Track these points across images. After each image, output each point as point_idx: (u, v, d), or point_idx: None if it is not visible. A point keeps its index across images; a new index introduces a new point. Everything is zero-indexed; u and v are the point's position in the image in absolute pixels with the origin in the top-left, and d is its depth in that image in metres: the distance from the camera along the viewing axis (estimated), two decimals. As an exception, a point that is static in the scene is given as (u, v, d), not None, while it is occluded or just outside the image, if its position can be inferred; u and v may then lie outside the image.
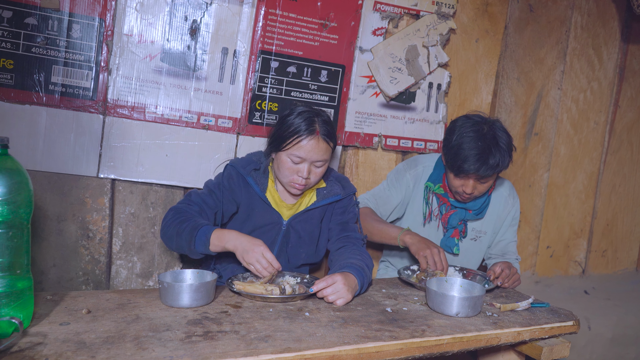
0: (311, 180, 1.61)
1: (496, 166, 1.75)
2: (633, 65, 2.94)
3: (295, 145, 1.56)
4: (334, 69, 2.10)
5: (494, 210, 2.02)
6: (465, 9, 2.32)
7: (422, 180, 2.02)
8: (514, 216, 2.06)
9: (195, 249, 1.48)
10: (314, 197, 1.73)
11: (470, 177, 1.80)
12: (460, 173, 1.79)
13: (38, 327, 1.12)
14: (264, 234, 1.68)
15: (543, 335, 1.42)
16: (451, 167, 1.82)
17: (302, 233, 1.71)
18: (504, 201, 2.03)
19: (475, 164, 1.73)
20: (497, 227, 2.05)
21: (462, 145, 1.76)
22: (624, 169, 3.04)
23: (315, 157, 1.58)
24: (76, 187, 1.81)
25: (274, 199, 1.70)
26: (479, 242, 2.04)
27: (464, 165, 1.75)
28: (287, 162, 1.59)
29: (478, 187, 1.83)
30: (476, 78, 2.42)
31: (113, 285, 1.91)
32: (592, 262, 3.05)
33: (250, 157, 1.71)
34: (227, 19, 1.91)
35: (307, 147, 1.56)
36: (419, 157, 2.11)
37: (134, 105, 1.83)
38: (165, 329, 1.16)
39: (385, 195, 2.04)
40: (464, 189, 1.83)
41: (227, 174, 1.67)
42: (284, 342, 1.13)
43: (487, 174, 1.76)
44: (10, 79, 1.68)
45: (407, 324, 1.31)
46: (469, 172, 1.76)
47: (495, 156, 1.74)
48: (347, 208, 1.76)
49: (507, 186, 2.07)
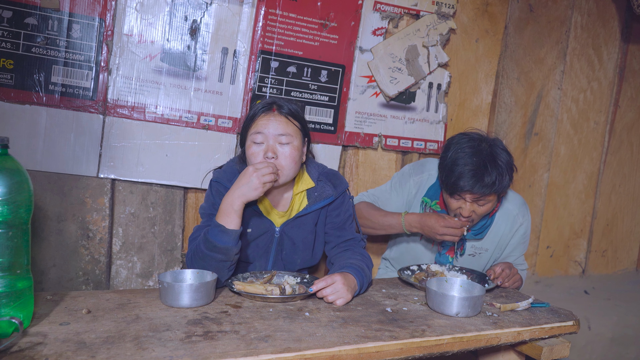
0: (282, 163, 1.50)
1: (492, 184, 1.63)
2: (633, 65, 2.94)
3: (252, 125, 1.53)
4: (334, 69, 2.10)
5: (497, 229, 1.88)
6: (465, 9, 2.32)
7: (424, 189, 1.92)
8: (524, 234, 1.91)
9: (221, 245, 1.40)
10: (305, 200, 1.65)
11: (466, 198, 1.69)
12: (455, 192, 1.69)
13: (38, 327, 1.12)
14: (259, 243, 1.63)
15: (543, 335, 1.42)
16: (445, 185, 1.72)
17: (296, 240, 1.65)
18: (512, 220, 1.88)
19: (469, 181, 1.63)
20: (501, 244, 1.91)
21: (457, 162, 1.67)
22: (624, 169, 3.04)
23: (274, 130, 1.49)
24: (76, 187, 1.81)
25: (264, 206, 1.62)
26: (478, 257, 1.93)
27: (458, 182, 1.65)
28: (251, 147, 1.52)
29: (476, 209, 1.71)
30: (476, 78, 2.42)
31: (113, 285, 1.91)
32: (592, 262, 3.05)
33: (232, 167, 1.61)
34: (227, 19, 1.91)
35: (262, 121, 1.51)
36: (427, 162, 1.99)
37: (134, 105, 1.83)
38: (165, 329, 1.16)
39: (385, 197, 1.99)
40: (461, 212, 1.71)
41: (215, 192, 1.58)
42: (284, 342, 1.13)
43: (482, 193, 1.65)
44: (10, 79, 1.68)
45: (407, 324, 1.31)
46: (463, 189, 1.65)
47: (492, 174, 1.62)
48: (342, 207, 1.68)
49: (516, 203, 1.90)
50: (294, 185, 1.65)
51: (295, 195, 1.65)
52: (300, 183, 1.65)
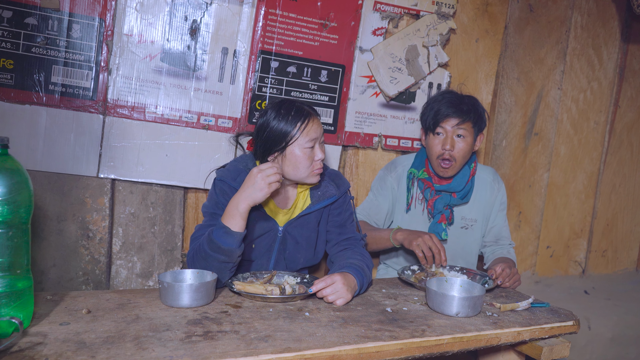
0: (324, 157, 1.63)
1: (469, 111, 1.89)
2: (633, 65, 2.94)
3: (305, 130, 1.54)
4: (334, 69, 2.10)
5: (479, 195, 2.05)
6: (465, 9, 2.32)
7: (404, 178, 2.06)
8: (502, 201, 2.09)
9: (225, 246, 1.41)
10: (308, 199, 1.68)
11: (447, 126, 1.90)
12: (437, 122, 1.90)
13: (38, 327, 1.12)
14: (261, 242, 1.64)
15: (543, 335, 1.42)
16: (429, 123, 1.94)
17: (299, 239, 1.67)
18: (489, 186, 2.07)
19: (449, 108, 1.89)
20: (486, 213, 2.07)
21: (436, 98, 1.96)
22: (624, 169, 3.04)
23: (321, 132, 1.60)
24: (76, 187, 1.81)
25: (267, 206, 1.64)
26: (471, 230, 2.05)
27: (440, 110, 1.89)
28: (302, 153, 1.55)
29: (457, 144, 1.90)
30: (476, 78, 2.42)
31: (113, 285, 1.91)
32: (592, 262, 3.05)
33: (237, 166, 1.61)
34: (227, 19, 1.91)
35: (314, 126, 1.56)
36: (396, 159, 2.14)
37: (134, 105, 1.83)
38: (165, 329, 1.16)
39: (374, 205, 2.05)
40: (444, 146, 1.90)
41: (219, 190, 1.58)
42: (284, 342, 1.13)
43: (462, 118, 1.88)
44: (10, 79, 1.68)
45: (407, 324, 1.31)
46: (444, 115, 1.89)
47: (468, 103, 1.90)
48: (343, 206, 1.72)
49: (489, 171, 2.11)
50: (298, 184, 1.68)
51: (299, 194, 1.68)
52: None
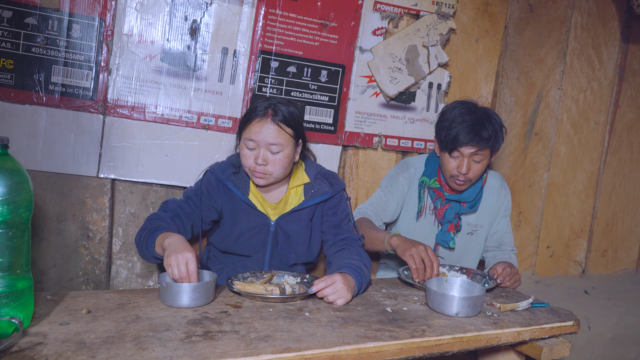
0: (270, 169, 1.55)
1: (489, 138, 1.80)
2: (633, 65, 2.94)
3: (247, 129, 1.56)
4: (334, 69, 2.10)
5: (487, 202, 2.04)
6: (465, 9, 2.32)
7: (415, 181, 2.03)
8: (507, 207, 2.09)
9: (148, 251, 1.48)
10: (302, 196, 1.70)
11: (464, 152, 1.82)
12: (455, 147, 1.82)
13: (38, 327, 1.12)
14: (253, 236, 1.66)
15: (543, 335, 1.42)
16: (446, 144, 1.84)
17: (291, 234, 1.68)
18: (497, 193, 2.06)
19: (468, 134, 1.79)
20: (492, 219, 2.07)
21: (455, 119, 1.83)
22: (624, 169, 3.04)
23: (265, 139, 1.53)
24: (76, 187, 1.81)
25: (258, 200, 1.67)
26: (476, 235, 2.06)
27: (458, 136, 1.79)
28: (243, 149, 1.58)
29: (473, 167, 1.84)
30: (476, 78, 2.42)
31: (113, 285, 1.91)
32: (592, 262, 3.05)
33: (230, 161, 1.68)
34: (227, 19, 1.91)
35: (256, 127, 1.54)
36: (408, 159, 2.11)
37: (134, 105, 1.83)
38: (165, 329, 1.16)
39: (382, 201, 2.04)
40: (459, 169, 1.84)
41: (205, 181, 1.65)
42: (284, 342, 1.13)
43: (480, 145, 1.80)
44: (10, 79, 1.68)
45: (407, 324, 1.31)
46: (462, 142, 1.79)
47: (489, 129, 1.80)
48: (338, 207, 1.72)
49: (497, 178, 2.10)
50: (290, 180, 1.70)
51: (290, 190, 1.70)
52: (296, 178, 1.70)
